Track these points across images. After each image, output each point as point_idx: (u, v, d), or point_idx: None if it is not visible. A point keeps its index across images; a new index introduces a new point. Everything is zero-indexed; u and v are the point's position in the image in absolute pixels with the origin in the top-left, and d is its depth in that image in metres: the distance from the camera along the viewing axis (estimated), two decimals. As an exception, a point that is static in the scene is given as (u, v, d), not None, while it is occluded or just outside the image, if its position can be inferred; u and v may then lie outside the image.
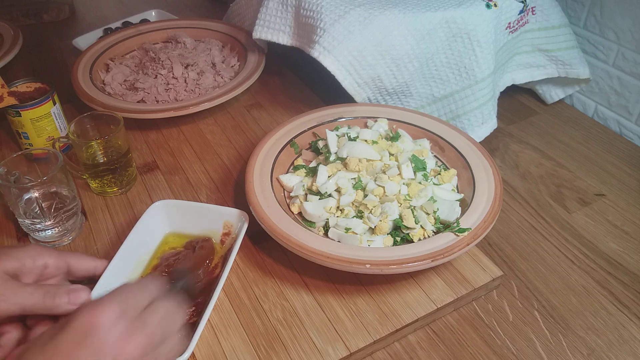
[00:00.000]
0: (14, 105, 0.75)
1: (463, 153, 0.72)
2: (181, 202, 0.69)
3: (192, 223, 0.66)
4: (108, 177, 0.74)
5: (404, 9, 0.78)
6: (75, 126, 0.73)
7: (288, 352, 0.56)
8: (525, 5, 0.84)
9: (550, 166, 0.83)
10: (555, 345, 0.59)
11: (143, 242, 0.64)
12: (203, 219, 0.66)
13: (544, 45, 0.89)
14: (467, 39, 0.79)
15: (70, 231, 0.69)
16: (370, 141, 0.71)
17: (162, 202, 0.66)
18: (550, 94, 0.96)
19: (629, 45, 0.86)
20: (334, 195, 0.67)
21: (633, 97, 0.87)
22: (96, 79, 0.93)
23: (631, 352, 0.58)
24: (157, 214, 0.65)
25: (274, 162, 0.72)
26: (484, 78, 0.81)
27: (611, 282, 0.66)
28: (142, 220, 0.64)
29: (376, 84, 0.80)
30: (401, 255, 0.58)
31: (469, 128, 0.84)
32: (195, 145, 0.85)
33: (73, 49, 1.08)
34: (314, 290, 0.62)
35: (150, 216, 0.65)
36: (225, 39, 1.03)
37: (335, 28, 0.77)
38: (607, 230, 0.72)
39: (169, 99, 0.90)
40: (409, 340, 0.60)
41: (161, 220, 0.66)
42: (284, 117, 0.91)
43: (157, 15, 1.18)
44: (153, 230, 0.66)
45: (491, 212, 0.63)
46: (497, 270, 0.64)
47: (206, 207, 0.68)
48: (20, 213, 0.66)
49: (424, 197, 0.65)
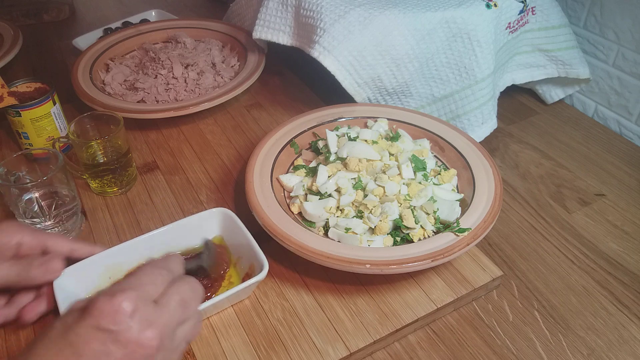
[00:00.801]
0: (14, 105, 0.75)
1: (463, 153, 0.72)
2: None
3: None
4: (108, 177, 0.74)
5: (404, 9, 0.78)
6: (75, 126, 0.73)
7: (288, 352, 0.56)
8: (525, 5, 0.84)
9: (550, 166, 0.83)
10: (555, 345, 0.59)
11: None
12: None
13: (544, 45, 0.89)
14: (467, 39, 0.79)
15: (70, 231, 0.69)
16: (370, 141, 0.71)
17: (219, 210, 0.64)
18: (550, 94, 0.96)
19: (629, 45, 0.86)
20: (334, 195, 0.67)
21: (633, 97, 0.87)
22: (96, 79, 0.93)
23: (631, 352, 0.58)
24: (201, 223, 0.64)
25: (274, 162, 0.72)
26: (484, 78, 0.81)
27: (611, 282, 0.66)
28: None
29: (376, 84, 0.80)
30: (401, 255, 0.58)
31: (469, 128, 0.84)
32: (195, 145, 0.85)
33: (73, 49, 1.08)
34: (314, 290, 0.62)
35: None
36: (225, 39, 1.03)
37: (335, 28, 0.77)
38: (607, 230, 0.72)
39: (169, 99, 0.90)
40: (409, 340, 0.60)
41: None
42: (284, 117, 0.91)
43: (157, 15, 1.18)
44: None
45: (491, 212, 0.63)
46: (497, 270, 0.64)
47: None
48: (20, 213, 0.66)
49: (424, 197, 0.65)
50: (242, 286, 0.57)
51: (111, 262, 0.61)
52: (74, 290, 0.58)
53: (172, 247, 0.63)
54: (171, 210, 0.74)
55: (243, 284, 0.57)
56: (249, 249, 0.60)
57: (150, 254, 0.62)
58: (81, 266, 0.59)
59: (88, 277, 0.60)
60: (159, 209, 0.74)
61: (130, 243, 0.62)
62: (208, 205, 0.74)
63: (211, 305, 0.56)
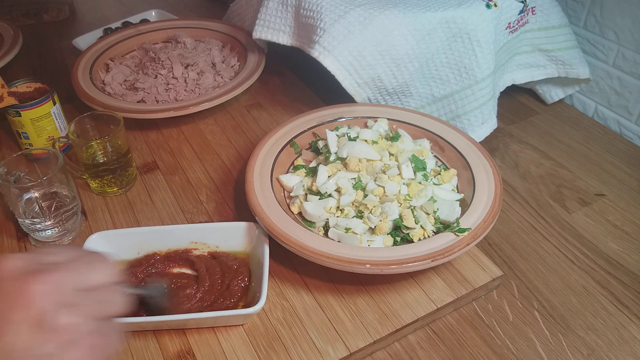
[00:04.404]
0: (14, 105, 0.75)
1: (463, 153, 0.72)
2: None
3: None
4: (108, 177, 0.74)
5: (404, 9, 0.78)
6: (75, 126, 0.73)
7: (288, 352, 0.56)
8: (525, 5, 0.84)
9: (550, 166, 0.83)
10: (555, 345, 0.59)
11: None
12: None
13: (544, 45, 0.89)
14: (467, 39, 0.79)
15: (70, 231, 0.69)
16: (370, 141, 0.71)
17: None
18: (550, 94, 0.96)
19: (629, 45, 0.86)
20: (334, 195, 0.67)
21: (633, 97, 0.87)
22: (96, 79, 0.93)
23: (631, 352, 0.58)
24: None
25: (274, 162, 0.72)
26: (484, 78, 0.81)
27: (611, 282, 0.66)
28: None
29: (376, 84, 0.80)
30: (401, 255, 0.58)
31: (469, 128, 0.84)
32: (195, 145, 0.85)
33: (73, 49, 1.08)
34: (314, 290, 0.62)
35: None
36: (225, 39, 1.03)
37: (335, 28, 0.77)
38: (607, 230, 0.72)
39: (169, 99, 0.90)
40: (409, 340, 0.60)
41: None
42: (284, 117, 0.91)
43: (157, 15, 1.18)
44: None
45: (491, 212, 0.63)
46: (497, 270, 0.64)
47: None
48: (20, 213, 0.66)
49: (424, 197, 0.65)
50: (226, 313, 0.57)
51: (143, 239, 0.64)
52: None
53: (198, 245, 0.65)
54: (171, 210, 0.74)
55: (227, 311, 0.58)
56: (260, 279, 0.59)
57: (177, 245, 0.65)
58: (113, 234, 0.64)
59: (118, 246, 0.64)
60: (159, 209, 0.74)
61: (165, 228, 0.67)
62: (208, 205, 0.74)
63: (193, 318, 0.57)
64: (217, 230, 0.65)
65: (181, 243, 0.65)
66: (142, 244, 0.65)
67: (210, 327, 0.59)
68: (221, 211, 0.73)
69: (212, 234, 0.65)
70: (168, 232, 0.65)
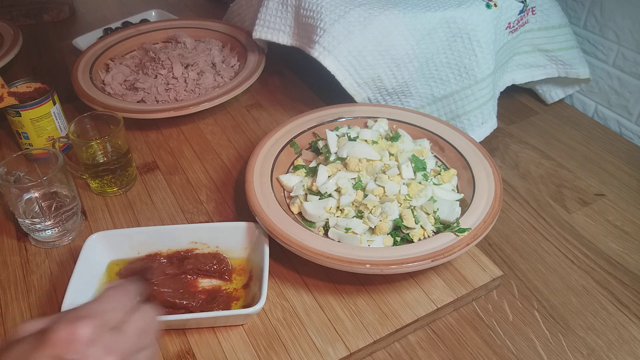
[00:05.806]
0: (14, 105, 0.75)
1: (463, 153, 0.72)
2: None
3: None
4: (108, 177, 0.74)
5: (404, 9, 0.78)
6: (75, 126, 0.73)
7: (288, 352, 0.56)
8: (525, 5, 0.84)
9: (550, 166, 0.83)
10: (555, 345, 0.59)
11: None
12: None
13: (544, 45, 0.89)
14: (467, 39, 0.79)
15: (70, 231, 0.69)
16: (370, 141, 0.71)
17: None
18: (550, 94, 0.96)
19: (629, 45, 0.86)
20: (334, 195, 0.67)
21: (633, 97, 0.87)
22: (96, 79, 0.93)
23: (631, 352, 0.58)
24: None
25: (274, 162, 0.72)
26: (484, 78, 0.81)
27: (611, 282, 0.66)
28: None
29: (376, 84, 0.80)
30: (401, 255, 0.58)
31: (469, 128, 0.84)
32: (195, 145, 0.85)
33: (73, 49, 1.08)
34: (314, 290, 0.62)
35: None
36: (225, 39, 1.03)
37: (335, 28, 0.77)
38: (607, 230, 0.72)
39: (169, 99, 0.90)
40: (409, 340, 0.60)
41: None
42: (284, 117, 0.91)
43: (157, 15, 1.18)
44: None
45: (491, 212, 0.63)
46: (497, 270, 0.64)
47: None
48: (20, 213, 0.66)
49: (424, 197, 0.65)
50: (226, 313, 0.57)
51: (143, 239, 0.64)
52: (100, 254, 0.63)
53: (198, 245, 0.65)
54: (171, 210, 0.74)
55: (227, 311, 0.58)
56: (260, 279, 0.59)
57: (177, 245, 0.65)
58: (113, 234, 0.64)
59: (118, 246, 0.64)
60: (159, 209, 0.74)
61: (165, 228, 0.67)
62: (208, 205, 0.74)
63: (193, 318, 0.57)
64: (217, 230, 0.65)
65: (181, 243, 0.65)
66: (142, 244, 0.64)
67: (210, 327, 0.59)
68: (221, 211, 0.73)
69: (212, 234, 0.65)
70: (168, 232, 0.65)
